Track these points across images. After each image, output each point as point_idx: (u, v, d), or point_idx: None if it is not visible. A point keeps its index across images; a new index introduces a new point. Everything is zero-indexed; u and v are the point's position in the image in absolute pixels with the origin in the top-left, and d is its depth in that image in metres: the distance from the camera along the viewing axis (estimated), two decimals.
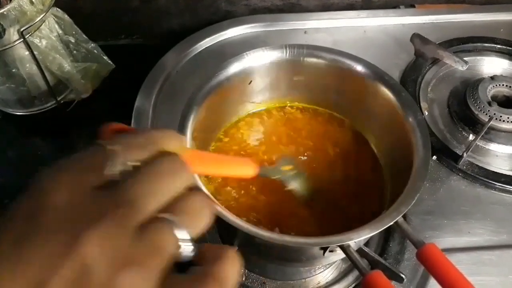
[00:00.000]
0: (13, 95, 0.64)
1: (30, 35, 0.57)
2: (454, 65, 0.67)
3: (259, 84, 0.52)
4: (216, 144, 0.52)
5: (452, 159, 0.58)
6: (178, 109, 0.45)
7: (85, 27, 0.65)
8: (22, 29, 0.55)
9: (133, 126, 0.59)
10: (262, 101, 0.54)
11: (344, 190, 0.48)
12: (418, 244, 0.39)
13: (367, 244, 0.51)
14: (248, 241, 0.41)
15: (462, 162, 0.57)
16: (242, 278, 0.50)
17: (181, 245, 0.21)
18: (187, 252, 0.22)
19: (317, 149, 0.51)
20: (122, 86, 0.68)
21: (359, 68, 0.49)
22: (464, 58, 0.67)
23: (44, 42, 0.59)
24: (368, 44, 0.74)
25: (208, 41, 0.72)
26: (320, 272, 0.51)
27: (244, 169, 0.38)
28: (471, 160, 0.59)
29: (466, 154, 0.57)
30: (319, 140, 0.52)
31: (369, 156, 0.51)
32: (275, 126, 0.54)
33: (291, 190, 0.46)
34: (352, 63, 0.50)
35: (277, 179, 0.45)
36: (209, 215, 0.23)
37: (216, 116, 0.51)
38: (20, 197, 0.20)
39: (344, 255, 0.38)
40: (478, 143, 0.61)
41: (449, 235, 0.53)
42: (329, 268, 0.51)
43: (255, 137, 0.52)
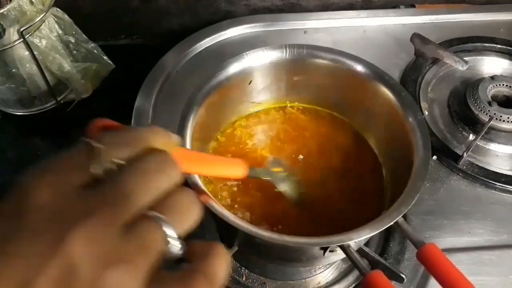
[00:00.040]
0: (13, 95, 0.63)
1: (30, 35, 0.57)
2: (454, 65, 0.67)
3: (259, 84, 0.52)
4: (216, 144, 0.52)
5: (452, 159, 0.58)
6: (178, 109, 0.45)
7: (85, 27, 0.65)
8: (22, 29, 0.55)
9: (133, 126, 0.59)
10: (262, 101, 0.54)
11: (344, 190, 0.48)
12: (418, 244, 0.39)
13: (367, 244, 0.51)
14: (248, 241, 0.41)
15: (462, 162, 0.57)
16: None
17: (169, 242, 0.21)
18: (176, 250, 0.22)
19: (317, 149, 0.51)
20: (122, 86, 0.68)
21: (359, 68, 0.49)
22: (464, 58, 0.67)
23: (44, 42, 0.59)
24: (368, 44, 0.74)
25: (208, 41, 0.72)
26: (320, 272, 0.51)
27: (233, 169, 0.38)
28: (471, 160, 0.59)
29: (466, 154, 0.57)
30: (319, 140, 0.52)
31: (369, 156, 0.51)
32: (275, 126, 0.54)
33: (282, 192, 0.46)
34: (352, 63, 0.50)
35: (268, 181, 0.45)
36: (197, 212, 0.23)
37: (216, 116, 0.51)
38: (5, 197, 0.20)
39: (344, 255, 0.38)
40: (478, 143, 0.61)
41: (449, 235, 0.53)
42: (329, 268, 0.51)
43: (255, 137, 0.52)
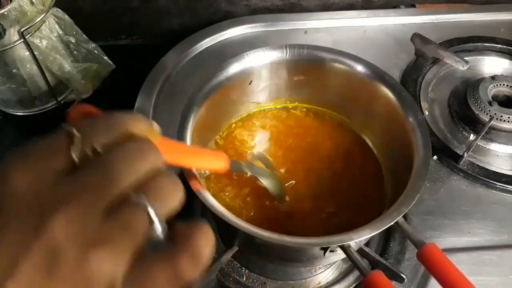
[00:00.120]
0: (13, 96, 0.64)
1: (30, 35, 0.57)
2: (454, 65, 0.67)
3: (259, 84, 0.52)
4: (216, 143, 0.52)
5: (453, 159, 0.58)
6: (178, 109, 0.45)
7: (85, 27, 0.65)
8: (22, 30, 0.55)
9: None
10: (262, 101, 0.54)
11: (344, 190, 0.48)
12: (418, 244, 0.39)
13: (367, 244, 0.51)
14: (248, 241, 0.41)
15: (462, 162, 0.57)
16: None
17: (153, 224, 0.21)
18: (159, 232, 0.22)
19: (317, 149, 0.51)
20: (123, 86, 0.68)
21: (359, 68, 0.49)
22: (465, 58, 0.67)
23: (44, 42, 0.59)
24: (368, 44, 0.74)
25: (208, 41, 0.72)
26: (320, 272, 0.51)
27: (215, 162, 0.38)
28: (472, 160, 0.59)
29: (466, 154, 0.57)
30: (319, 140, 0.52)
31: (369, 156, 0.51)
32: (275, 126, 0.54)
33: (265, 187, 0.45)
34: (352, 63, 0.50)
35: (250, 176, 0.45)
36: (179, 195, 0.23)
37: (216, 116, 0.51)
38: None
39: (344, 255, 0.38)
40: (478, 143, 0.61)
41: (450, 235, 0.52)
42: (329, 268, 0.51)
43: (255, 137, 0.52)
